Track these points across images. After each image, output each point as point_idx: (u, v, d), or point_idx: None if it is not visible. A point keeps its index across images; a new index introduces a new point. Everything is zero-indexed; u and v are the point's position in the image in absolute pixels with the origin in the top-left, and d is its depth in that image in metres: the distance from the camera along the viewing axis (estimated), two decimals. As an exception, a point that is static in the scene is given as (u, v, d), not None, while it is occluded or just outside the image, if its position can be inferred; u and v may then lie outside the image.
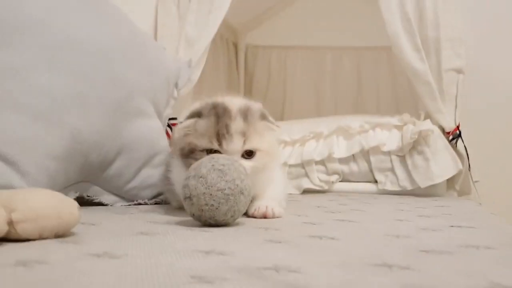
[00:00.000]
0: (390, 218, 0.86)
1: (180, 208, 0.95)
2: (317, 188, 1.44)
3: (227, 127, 0.79)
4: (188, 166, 0.78)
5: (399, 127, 1.44)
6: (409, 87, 1.66)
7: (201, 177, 0.69)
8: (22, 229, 0.54)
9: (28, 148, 0.81)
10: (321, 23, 2.22)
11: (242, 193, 0.70)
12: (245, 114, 0.81)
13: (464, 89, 1.45)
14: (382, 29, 1.46)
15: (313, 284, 0.38)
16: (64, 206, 0.59)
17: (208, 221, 0.70)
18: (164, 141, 1.15)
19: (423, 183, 1.36)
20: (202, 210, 0.69)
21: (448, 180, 1.41)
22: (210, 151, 0.80)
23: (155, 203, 1.08)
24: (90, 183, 0.98)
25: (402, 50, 1.40)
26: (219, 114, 0.81)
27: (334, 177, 1.46)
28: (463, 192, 1.46)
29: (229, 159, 0.73)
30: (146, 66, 1.11)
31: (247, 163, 0.79)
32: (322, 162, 1.46)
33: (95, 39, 0.96)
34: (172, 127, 1.42)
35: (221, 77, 2.14)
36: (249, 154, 0.81)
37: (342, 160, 1.45)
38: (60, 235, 0.58)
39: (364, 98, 2.20)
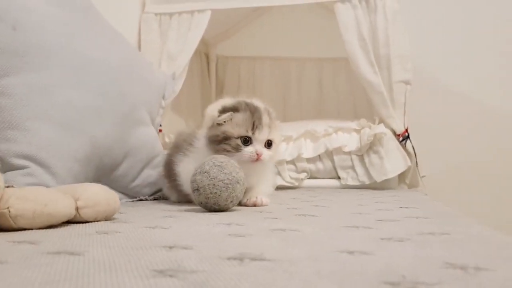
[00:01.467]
0: (354, 204, 1.07)
1: (180, 202, 1.13)
2: (288, 184, 1.64)
3: (260, 119, 0.98)
4: (218, 151, 0.97)
5: (357, 131, 1.66)
6: (365, 95, 1.88)
7: (205, 172, 0.88)
8: (84, 213, 0.71)
9: (57, 152, 0.97)
10: (286, 36, 2.42)
11: (238, 182, 0.89)
12: (268, 112, 1.02)
13: (412, 97, 1.69)
14: (341, 42, 1.66)
15: (310, 236, 0.58)
16: (111, 196, 0.77)
17: (213, 206, 0.88)
18: (160, 145, 1.33)
19: (378, 178, 1.58)
20: (208, 198, 0.88)
21: (399, 175, 1.62)
22: (244, 138, 0.98)
23: (154, 199, 1.26)
24: (101, 182, 1.15)
25: (359, 65, 1.62)
26: (252, 110, 0.99)
27: (303, 175, 1.66)
28: (412, 185, 1.69)
29: (225, 157, 0.93)
30: (144, 82, 1.29)
31: (267, 152, 0.99)
32: (292, 162, 1.66)
33: (106, 60, 1.13)
34: (159, 133, 1.59)
35: (195, 85, 2.31)
36: (269, 144, 1.00)
37: (309, 160, 1.66)
38: (108, 219, 0.76)
39: (325, 104, 2.40)
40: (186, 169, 1.02)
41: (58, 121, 0.99)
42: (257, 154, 0.97)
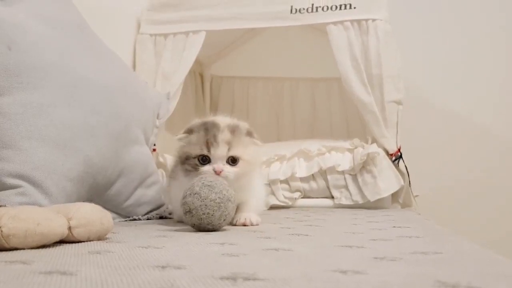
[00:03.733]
0: (347, 223, 1.07)
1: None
2: (282, 204, 1.64)
3: (214, 137, 0.98)
4: (184, 170, 1.00)
5: (350, 150, 1.67)
6: (358, 115, 1.89)
7: (195, 193, 0.88)
8: (77, 233, 0.71)
9: (51, 172, 0.97)
10: (279, 56, 2.45)
11: (229, 200, 0.89)
12: (233, 129, 1.01)
13: (405, 117, 1.70)
14: (334, 62, 1.68)
15: (303, 256, 0.58)
16: (103, 215, 0.76)
17: (207, 227, 0.88)
18: (154, 165, 1.33)
19: (372, 197, 1.58)
20: (201, 218, 0.87)
21: (392, 194, 1.63)
22: (202, 157, 0.98)
23: (147, 219, 1.25)
24: (94, 202, 1.14)
25: (351, 85, 1.64)
26: (209, 128, 1.00)
27: (297, 194, 1.66)
28: (405, 205, 1.70)
29: (214, 176, 0.93)
30: (139, 101, 1.30)
31: (231, 169, 0.98)
32: (286, 181, 1.66)
33: (100, 78, 1.13)
34: (153, 152, 1.60)
35: (189, 104, 2.32)
36: (233, 161, 0.99)
37: (303, 179, 1.66)
38: (101, 238, 0.76)
39: (318, 124, 2.41)
40: (175, 195, 1.03)
41: (52, 140, 0.98)
42: (216, 172, 0.96)
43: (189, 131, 1.02)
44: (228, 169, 0.98)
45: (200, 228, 0.88)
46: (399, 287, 0.40)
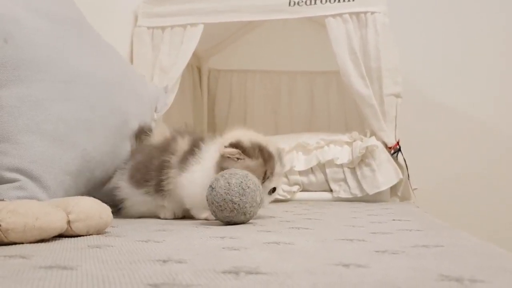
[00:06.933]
0: (346, 217, 1.07)
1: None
2: (280, 197, 1.63)
3: (272, 169, 0.96)
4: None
5: (349, 143, 1.66)
6: (356, 108, 1.89)
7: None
8: (76, 227, 0.70)
9: (48, 165, 0.96)
10: (277, 49, 2.43)
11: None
12: (279, 156, 0.99)
13: (404, 111, 1.70)
14: (332, 55, 1.67)
15: (304, 249, 0.58)
16: (103, 209, 0.76)
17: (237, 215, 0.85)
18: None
19: (371, 191, 1.58)
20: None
21: (391, 187, 1.62)
22: None
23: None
24: (93, 196, 1.14)
25: (350, 78, 1.63)
26: (265, 156, 0.96)
27: (295, 188, 1.66)
28: (404, 198, 1.69)
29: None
30: (136, 95, 1.29)
31: (270, 199, 1.00)
32: (284, 175, 1.66)
33: (97, 73, 1.12)
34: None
35: (187, 98, 2.31)
36: (273, 191, 1.00)
37: (301, 173, 1.66)
38: (100, 232, 0.75)
39: (316, 117, 2.41)
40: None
41: (49, 134, 0.98)
42: None
43: (245, 152, 0.94)
44: (268, 200, 0.98)
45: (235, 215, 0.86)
46: (403, 281, 0.40)
